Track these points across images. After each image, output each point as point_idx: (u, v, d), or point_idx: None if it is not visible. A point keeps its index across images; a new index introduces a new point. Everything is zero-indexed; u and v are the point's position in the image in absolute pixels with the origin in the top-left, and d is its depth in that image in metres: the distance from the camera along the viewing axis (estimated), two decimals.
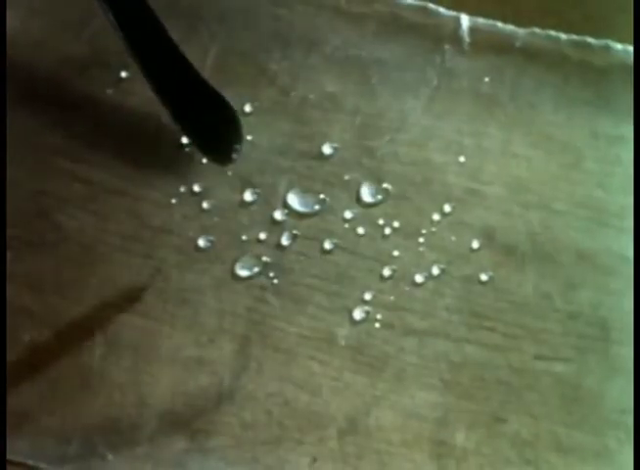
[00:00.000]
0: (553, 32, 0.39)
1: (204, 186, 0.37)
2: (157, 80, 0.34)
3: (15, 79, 0.37)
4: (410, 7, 0.39)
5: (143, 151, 0.37)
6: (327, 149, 0.37)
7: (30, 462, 0.33)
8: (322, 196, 0.36)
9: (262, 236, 0.36)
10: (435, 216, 0.36)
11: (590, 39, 0.39)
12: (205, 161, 0.37)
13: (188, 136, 0.36)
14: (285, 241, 0.36)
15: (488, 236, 0.36)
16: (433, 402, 0.34)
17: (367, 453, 0.33)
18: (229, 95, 0.35)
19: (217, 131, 0.36)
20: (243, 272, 0.35)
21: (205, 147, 0.36)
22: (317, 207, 0.36)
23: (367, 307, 0.35)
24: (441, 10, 0.39)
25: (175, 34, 0.38)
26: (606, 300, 0.35)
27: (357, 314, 0.35)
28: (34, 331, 0.34)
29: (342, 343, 0.35)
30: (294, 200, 0.36)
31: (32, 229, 0.36)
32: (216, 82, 0.35)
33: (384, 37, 0.39)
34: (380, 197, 0.37)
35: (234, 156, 0.35)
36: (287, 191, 0.37)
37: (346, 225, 0.36)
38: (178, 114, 0.35)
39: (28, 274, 0.35)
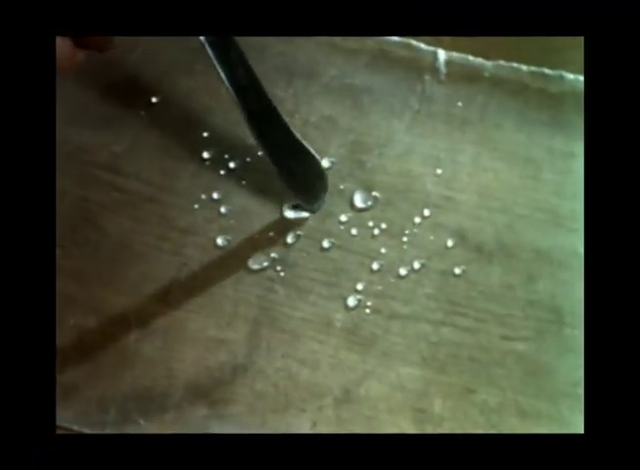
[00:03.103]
0: (515, 64, 0.39)
1: (222, 194, 0.37)
2: (270, 150, 0.34)
3: (63, 104, 0.37)
4: (396, 43, 0.39)
5: (171, 164, 0.37)
6: (325, 162, 0.37)
7: (76, 428, 0.33)
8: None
9: (271, 235, 0.36)
10: (417, 219, 0.36)
11: (547, 70, 0.39)
12: (222, 172, 0.37)
13: (290, 187, 0.35)
14: (290, 240, 0.36)
15: (461, 236, 0.36)
16: (414, 376, 0.34)
17: (359, 419, 0.33)
18: None
19: (311, 183, 0.36)
20: (255, 266, 0.35)
21: (301, 195, 0.36)
22: (305, 214, 0.36)
23: (359, 296, 0.35)
24: (422, 45, 0.39)
25: (198, 66, 0.39)
26: (560, 289, 0.35)
27: (351, 302, 0.35)
28: (79, 316, 0.34)
29: (338, 325, 0.35)
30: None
31: (78, 231, 0.36)
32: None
33: (373, 68, 0.39)
34: (370, 203, 0.37)
35: (320, 202, 0.36)
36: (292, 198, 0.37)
37: (342, 227, 0.36)
38: (284, 173, 0.35)
39: (74, 268, 0.35)
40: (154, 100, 0.38)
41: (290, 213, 0.36)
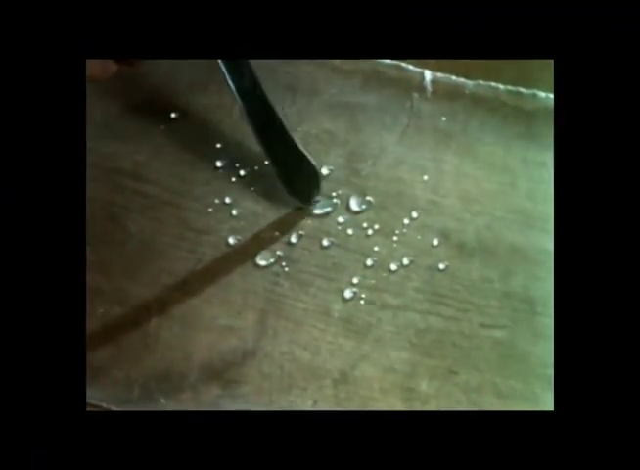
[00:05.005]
0: (493, 84, 0.39)
1: (233, 198, 0.37)
2: (271, 153, 0.35)
3: (92, 119, 0.37)
4: (387, 65, 0.39)
5: (188, 172, 0.37)
6: (325, 170, 0.37)
7: (104, 405, 0.33)
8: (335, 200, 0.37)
9: (276, 235, 0.36)
10: (406, 221, 0.36)
11: (522, 89, 0.39)
12: (234, 179, 0.37)
13: (286, 187, 0.36)
14: (293, 239, 0.36)
15: (445, 236, 0.36)
16: (403, 359, 0.34)
17: (354, 398, 0.33)
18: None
19: (305, 184, 0.36)
20: (262, 262, 0.36)
21: (296, 194, 0.36)
22: (328, 208, 0.37)
23: (355, 289, 0.35)
24: (410, 67, 0.39)
25: (212, 85, 0.39)
26: (533, 283, 0.35)
27: (347, 294, 0.35)
28: (106, 306, 0.35)
29: (336, 315, 0.35)
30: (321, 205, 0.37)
31: (105, 231, 0.36)
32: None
33: (368, 87, 0.39)
34: (364, 206, 0.37)
35: (313, 200, 0.36)
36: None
37: (339, 227, 0.36)
38: (282, 173, 0.36)
39: (102, 264, 0.35)
40: (173, 115, 0.38)
41: (317, 209, 0.37)
